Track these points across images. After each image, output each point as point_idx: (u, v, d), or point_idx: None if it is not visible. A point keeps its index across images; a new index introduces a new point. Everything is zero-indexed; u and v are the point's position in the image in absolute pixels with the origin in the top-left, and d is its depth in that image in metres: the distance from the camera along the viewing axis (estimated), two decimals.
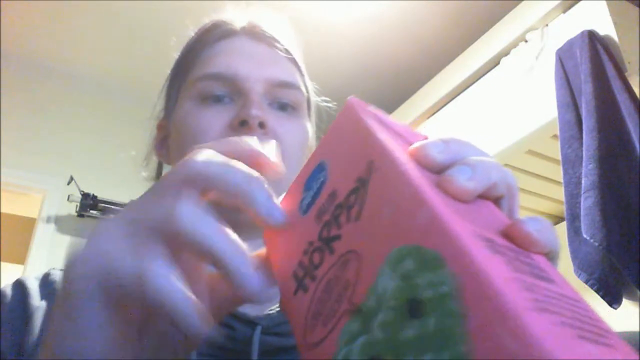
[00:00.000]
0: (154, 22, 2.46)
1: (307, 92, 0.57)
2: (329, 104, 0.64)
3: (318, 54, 2.70)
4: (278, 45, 0.55)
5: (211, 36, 0.55)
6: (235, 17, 0.57)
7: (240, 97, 0.51)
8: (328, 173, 0.25)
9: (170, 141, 0.56)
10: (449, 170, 0.22)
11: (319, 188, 0.25)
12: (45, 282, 0.49)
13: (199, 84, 0.51)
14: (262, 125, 0.48)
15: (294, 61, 0.56)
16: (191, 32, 0.59)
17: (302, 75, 0.57)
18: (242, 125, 0.48)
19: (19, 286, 0.48)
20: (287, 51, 0.56)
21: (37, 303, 0.46)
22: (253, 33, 0.55)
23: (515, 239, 0.20)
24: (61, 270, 0.50)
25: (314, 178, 0.26)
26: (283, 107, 0.52)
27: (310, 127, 0.57)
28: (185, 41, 0.59)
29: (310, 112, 0.58)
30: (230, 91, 0.51)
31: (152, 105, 0.62)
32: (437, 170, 0.22)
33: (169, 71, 0.60)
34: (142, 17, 2.47)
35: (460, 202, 0.21)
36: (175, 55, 0.60)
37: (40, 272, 0.52)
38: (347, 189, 0.23)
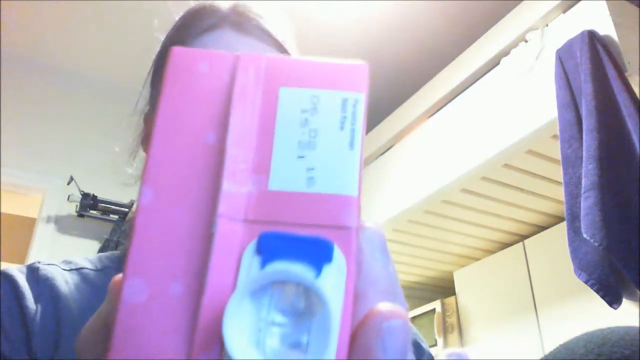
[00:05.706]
0: (156, 23, 2.46)
1: None
2: None
3: (317, 53, 2.69)
4: (265, 37, 0.52)
5: (194, 28, 0.52)
6: (221, 2, 0.53)
7: None
8: None
9: None
10: None
11: None
12: (36, 279, 0.45)
13: None
14: None
15: (283, 51, 0.53)
16: (176, 17, 0.57)
17: None
18: None
19: (9, 283, 0.44)
20: (276, 43, 0.52)
21: (32, 305, 0.43)
22: (239, 24, 0.51)
23: None
24: (49, 264, 0.47)
25: None
26: None
27: None
28: (169, 25, 0.57)
29: None
30: None
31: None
32: None
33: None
34: (143, 17, 2.47)
35: None
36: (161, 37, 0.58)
37: (22, 266, 0.47)
38: None
